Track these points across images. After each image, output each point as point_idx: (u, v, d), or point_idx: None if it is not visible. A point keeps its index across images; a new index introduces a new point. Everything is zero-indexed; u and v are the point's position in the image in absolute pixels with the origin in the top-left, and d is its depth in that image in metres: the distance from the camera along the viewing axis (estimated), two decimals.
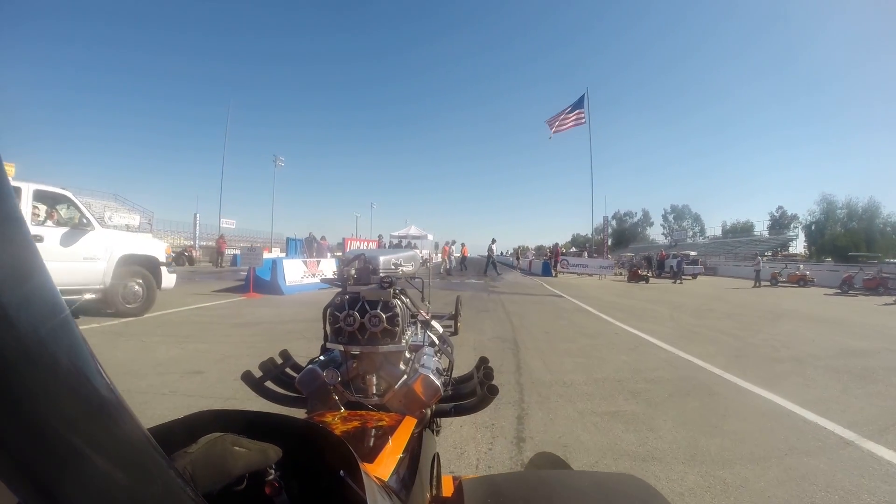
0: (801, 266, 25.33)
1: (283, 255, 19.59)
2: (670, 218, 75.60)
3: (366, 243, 16.99)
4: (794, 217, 55.84)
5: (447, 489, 0.95)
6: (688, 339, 6.48)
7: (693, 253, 34.37)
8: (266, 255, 18.27)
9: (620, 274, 24.64)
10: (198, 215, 45.81)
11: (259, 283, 11.14)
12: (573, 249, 34.11)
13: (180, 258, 25.50)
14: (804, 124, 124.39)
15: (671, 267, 25.26)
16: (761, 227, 58.62)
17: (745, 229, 61.89)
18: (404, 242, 27.08)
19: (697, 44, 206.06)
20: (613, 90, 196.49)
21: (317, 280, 12.53)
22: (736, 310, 10.95)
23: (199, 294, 10.56)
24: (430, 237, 30.70)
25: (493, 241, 21.09)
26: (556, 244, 24.25)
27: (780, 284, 22.98)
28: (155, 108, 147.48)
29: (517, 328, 6.87)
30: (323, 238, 17.48)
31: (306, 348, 4.85)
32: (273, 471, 0.46)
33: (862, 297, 17.31)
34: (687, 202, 76.67)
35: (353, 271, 1.25)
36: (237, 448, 0.43)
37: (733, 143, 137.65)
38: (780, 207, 58.55)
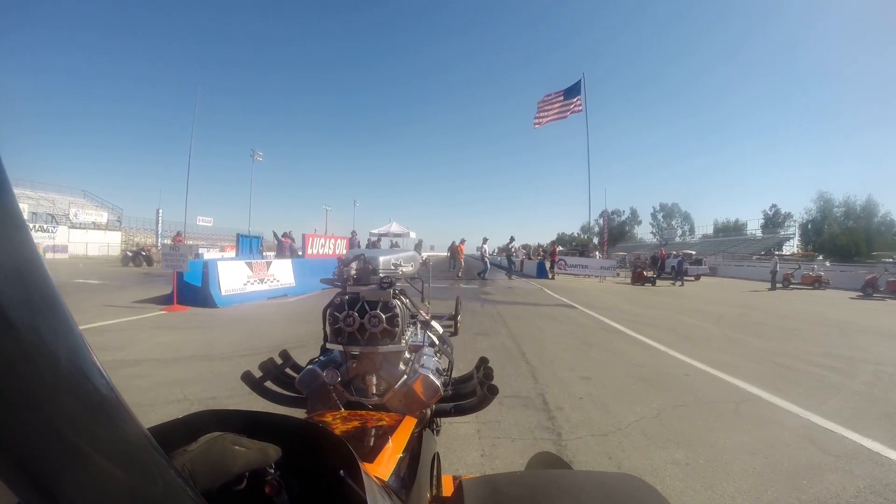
0: (815, 267, 23.80)
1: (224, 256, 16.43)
2: (659, 216, 74.82)
3: (332, 241, 14.26)
4: (788, 215, 55.29)
5: (447, 489, 0.93)
6: (791, 382, 4.55)
7: (693, 252, 32.74)
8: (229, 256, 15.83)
9: (618, 275, 22.63)
10: (161, 211, 42.63)
11: (188, 291, 8.72)
12: (559, 248, 32.43)
13: (137, 258, 23.89)
14: (795, 123, 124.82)
15: (672, 267, 23.34)
16: (753, 226, 57.80)
17: (736, 228, 61.09)
18: (383, 241, 25.07)
19: (685, 43, 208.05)
20: (601, 90, 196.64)
21: (266, 287, 10.11)
22: (787, 322, 8.97)
23: (111, 306, 8.26)
24: (413, 235, 28.71)
25: (512, 238, 19.02)
26: (553, 243, 21.74)
27: (792, 286, 21.34)
28: (135, 110, 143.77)
29: (537, 369, 4.55)
30: (285, 235, 14.79)
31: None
32: (272, 470, 0.46)
33: (889, 300, 15.67)
34: (676, 201, 76.00)
35: (352, 271, 1.26)
36: (237, 447, 0.43)
37: (722, 141, 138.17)
38: (774, 205, 57.93)
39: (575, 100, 25.20)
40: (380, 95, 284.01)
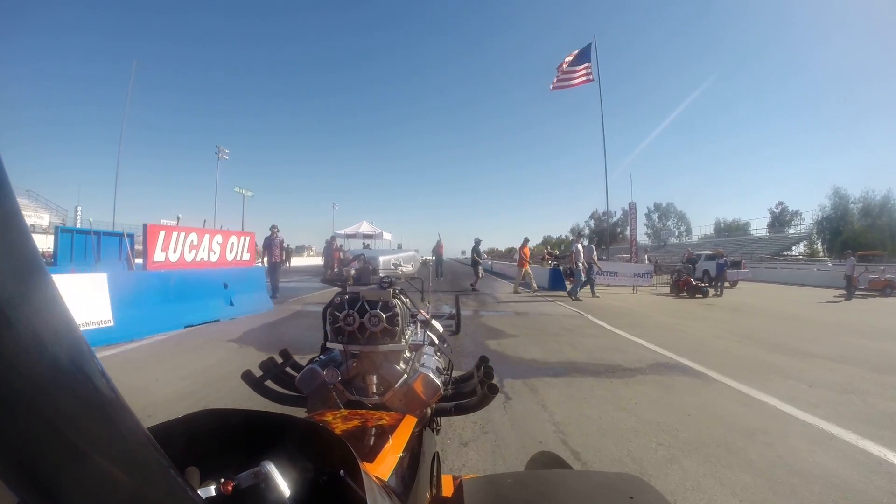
0: (883, 268, 19.28)
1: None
2: (654, 217, 70.72)
3: (217, 239, 8.09)
4: (797, 213, 51.52)
5: (447, 489, 0.92)
6: None
7: (710, 252, 28.14)
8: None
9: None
10: (79, 208, 36.56)
11: None
12: (547, 251, 28.58)
13: None
14: (789, 117, 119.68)
15: (705, 272, 18.37)
16: (756, 226, 53.66)
17: (739, 227, 57.11)
18: (350, 243, 21.98)
19: (674, 33, 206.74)
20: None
21: None
22: None
23: None
24: (388, 236, 23.67)
25: (591, 236, 12.89)
26: (575, 242, 14.37)
27: (858, 293, 16.53)
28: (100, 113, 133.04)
29: None
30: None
31: None
32: (221, 479, 0.44)
33: None
34: (670, 201, 71.24)
35: (352, 271, 1.28)
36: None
37: (716, 138, 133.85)
38: (781, 203, 53.98)
39: (584, 67, 20.38)
40: (364, 96, 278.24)
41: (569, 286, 12.98)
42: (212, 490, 0.43)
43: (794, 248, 44.73)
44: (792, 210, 52.47)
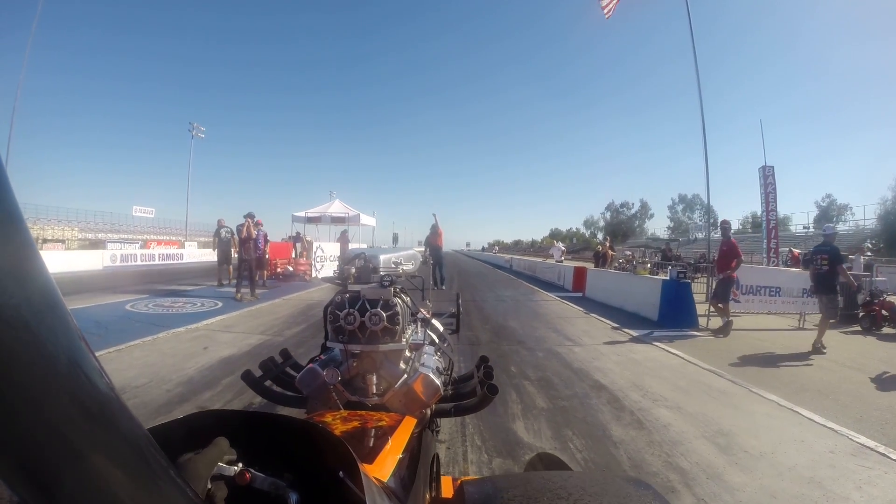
0: None
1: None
2: (678, 209, 63.77)
3: None
4: (846, 207, 44.60)
5: (447, 490, 0.91)
6: None
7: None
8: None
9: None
10: None
11: None
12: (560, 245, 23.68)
13: None
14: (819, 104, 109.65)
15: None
16: (808, 220, 46.59)
17: (779, 222, 49.97)
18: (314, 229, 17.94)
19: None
20: (608, 75, 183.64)
21: None
22: None
23: None
24: (371, 221, 16.93)
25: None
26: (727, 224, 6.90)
27: None
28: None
29: None
30: None
31: None
32: (239, 465, 0.44)
33: None
34: (697, 192, 64.25)
35: (353, 270, 1.24)
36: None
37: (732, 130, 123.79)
38: (828, 196, 47.38)
39: None
40: (362, 71, 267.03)
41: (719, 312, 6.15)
42: (231, 470, 0.43)
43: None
44: (840, 203, 45.82)
